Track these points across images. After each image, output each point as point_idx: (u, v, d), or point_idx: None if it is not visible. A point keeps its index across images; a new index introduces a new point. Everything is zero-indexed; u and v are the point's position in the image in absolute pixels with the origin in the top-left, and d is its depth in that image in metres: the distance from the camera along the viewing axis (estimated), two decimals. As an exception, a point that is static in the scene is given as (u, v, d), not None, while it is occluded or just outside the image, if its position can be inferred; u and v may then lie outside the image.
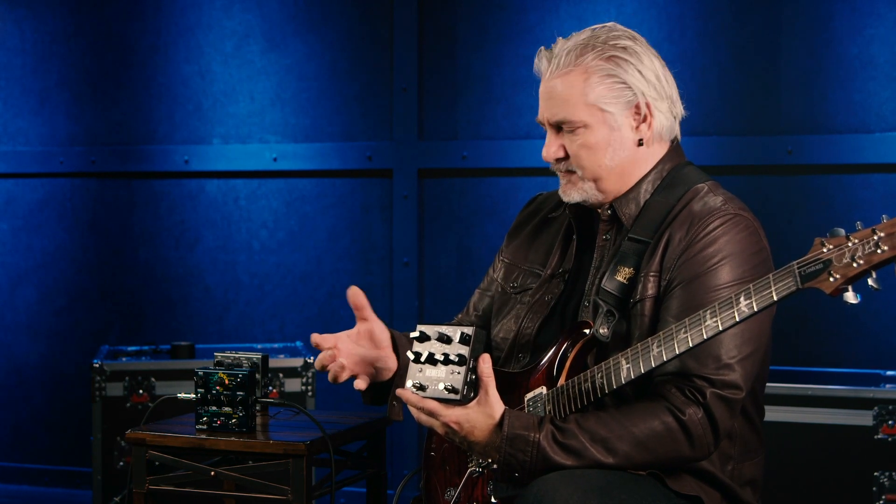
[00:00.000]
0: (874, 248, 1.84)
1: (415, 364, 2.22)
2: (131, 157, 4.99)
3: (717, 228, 2.21)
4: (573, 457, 2.12)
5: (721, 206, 2.24)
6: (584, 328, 2.26)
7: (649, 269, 2.23)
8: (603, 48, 2.29)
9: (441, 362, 2.18)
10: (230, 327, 4.92)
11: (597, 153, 2.29)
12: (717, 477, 2.24)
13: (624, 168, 2.31)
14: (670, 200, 2.28)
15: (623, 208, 2.32)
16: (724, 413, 2.14)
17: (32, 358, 5.13)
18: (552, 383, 2.25)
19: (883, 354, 4.08)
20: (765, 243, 2.25)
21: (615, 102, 2.28)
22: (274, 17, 4.84)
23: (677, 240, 2.22)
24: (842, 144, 4.14)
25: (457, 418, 2.16)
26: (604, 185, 2.32)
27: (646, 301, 2.22)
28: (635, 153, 2.31)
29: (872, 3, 4.13)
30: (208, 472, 2.67)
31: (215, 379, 2.70)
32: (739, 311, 1.99)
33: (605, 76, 2.27)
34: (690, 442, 2.13)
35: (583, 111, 2.28)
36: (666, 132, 2.34)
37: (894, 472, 3.43)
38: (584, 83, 2.28)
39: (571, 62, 2.30)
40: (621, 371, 2.13)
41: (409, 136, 4.66)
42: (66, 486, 5.05)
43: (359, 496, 4.37)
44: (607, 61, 2.28)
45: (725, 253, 2.19)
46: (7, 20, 5.11)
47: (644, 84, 2.28)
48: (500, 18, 4.57)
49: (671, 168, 2.34)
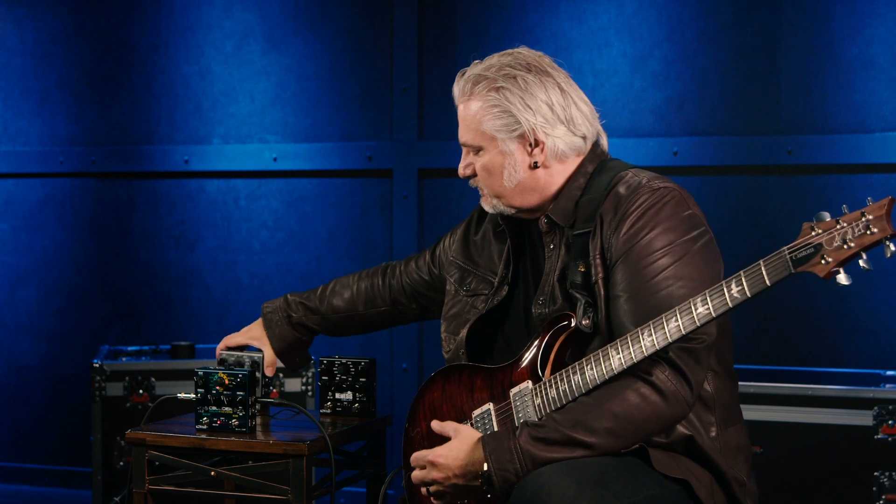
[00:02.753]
0: (864, 230, 1.89)
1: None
2: (131, 157, 4.99)
3: (644, 202, 2.29)
4: (557, 447, 2.16)
5: (646, 182, 2.33)
6: (566, 320, 2.30)
7: (595, 253, 2.31)
8: (494, 79, 2.40)
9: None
10: (230, 327, 4.91)
11: (493, 175, 2.43)
12: (703, 447, 2.27)
13: (524, 187, 2.42)
14: (599, 192, 2.37)
15: (558, 213, 2.41)
16: (690, 362, 2.20)
17: (32, 358, 5.13)
18: (537, 377, 2.28)
19: (883, 354, 4.08)
20: (695, 210, 2.32)
21: (502, 130, 2.40)
22: (274, 17, 4.84)
23: (608, 220, 2.31)
24: (842, 144, 4.14)
25: (440, 452, 2.27)
26: (509, 201, 2.44)
27: (599, 283, 2.30)
28: (533, 175, 2.41)
29: (872, 3, 4.13)
30: (208, 472, 2.67)
31: (215, 379, 2.70)
32: (731, 297, 2.04)
33: (491, 106, 2.40)
34: (666, 400, 2.18)
35: (478, 137, 2.42)
36: (570, 151, 2.42)
37: (894, 472, 3.43)
38: (476, 111, 2.42)
39: (468, 91, 2.45)
40: (611, 361, 2.18)
41: (409, 136, 4.66)
42: (66, 486, 5.05)
43: (359, 496, 4.37)
44: (495, 91, 2.40)
45: (655, 222, 2.27)
46: (7, 20, 5.11)
47: (529, 113, 2.38)
48: (500, 18, 4.57)
49: (594, 169, 2.42)
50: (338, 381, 2.90)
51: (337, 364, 2.90)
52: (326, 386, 2.92)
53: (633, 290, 2.23)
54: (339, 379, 2.90)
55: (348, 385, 2.89)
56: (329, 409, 2.91)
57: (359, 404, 2.89)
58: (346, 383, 2.89)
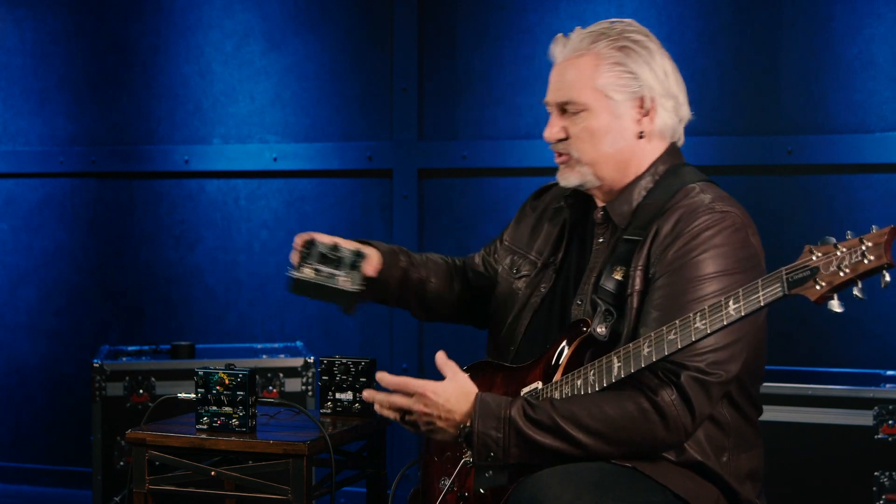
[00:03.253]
0: (860, 257, 1.86)
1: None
2: (131, 157, 4.99)
3: (703, 224, 2.23)
4: (544, 432, 2.15)
5: (709, 203, 2.27)
6: (583, 326, 2.29)
7: (637, 263, 2.26)
8: (617, 38, 2.33)
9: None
10: (230, 327, 4.92)
11: (596, 138, 2.33)
12: (712, 469, 2.25)
13: (621, 157, 2.34)
14: (662, 200, 2.31)
15: (615, 210, 2.35)
16: (700, 395, 2.15)
17: (33, 358, 5.13)
18: (548, 379, 2.28)
19: (883, 354, 4.08)
20: (753, 240, 2.27)
21: (621, 91, 2.32)
22: (274, 17, 4.84)
23: (663, 234, 2.25)
24: (842, 144, 4.14)
25: (434, 388, 2.23)
26: (600, 170, 2.35)
27: (634, 295, 2.25)
28: (634, 145, 2.35)
29: (872, 3, 4.13)
30: (208, 472, 2.67)
31: (215, 379, 2.70)
32: (728, 314, 2.01)
33: (615, 64, 2.32)
34: (665, 423, 2.15)
35: (588, 95, 2.32)
36: (668, 131, 2.37)
37: (894, 472, 3.43)
38: (593, 68, 2.32)
39: (584, 47, 2.33)
40: (613, 369, 2.16)
41: (409, 136, 4.66)
42: (66, 486, 5.05)
43: (359, 496, 4.37)
44: (619, 51, 2.32)
45: (709, 246, 2.21)
46: (7, 20, 5.11)
47: (652, 78, 2.33)
48: (500, 18, 4.57)
49: (665, 170, 2.36)
50: (338, 381, 2.90)
51: (337, 364, 2.91)
52: (327, 386, 2.92)
53: (666, 308, 2.18)
54: (340, 379, 2.90)
55: (349, 385, 2.89)
56: (329, 409, 2.91)
57: (359, 404, 2.89)
58: (346, 383, 2.90)
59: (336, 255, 2.50)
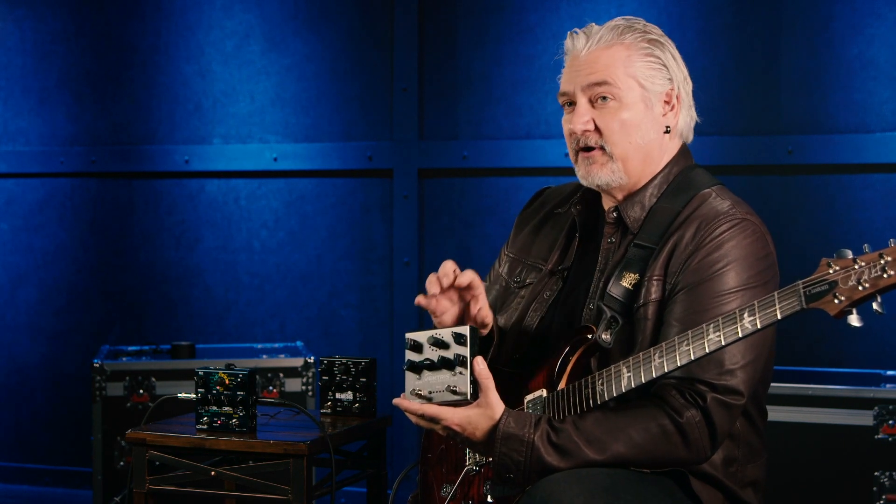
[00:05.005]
0: (881, 272, 1.84)
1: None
2: (131, 157, 4.99)
3: (724, 233, 2.20)
4: (567, 458, 2.12)
5: (728, 210, 2.24)
6: (587, 333, 2.26)
7: (653, 273, 2.23)
8: (644, 32, 2.32)
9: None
10: (230, 327, 4.92)
11: (629, 129, 2.29)
12: (719, 479, 2.24)
13: (647, 151, 2.31)
14: (676, 206, 2.28)
15: (628, 211, 2.32)
16: (724, 418, 2.14)
17: (33, 358, 5.13)
18: (552, 387, 2.25)
19: (883, 354, 4.08)
20: (771, 248, 2.25)
21: (652, 81, 2.30)
22: (274, 17, 4.84)
23: (684, 244, 2.22)
24: (842, 144, 4.14)
25: (459, 421, 2.18)
26: (629, 166, 2.31)
27: (649, 305, 2.22)
28: (661, 139, 2.33)
29: (872, 3, 4.13)
30: (208, 472, 2.67)
31: (215, 379, 2.70)
32: (743, 327, 1.99)
33: (646, 54, 2.30)
34: (687, 445, 2.13)
35: (623, 80, 2.28)
36: (686, 129, 2.38)
37: (894, 472, 3.43)
38: (626, 57, 2.29)
39: (615, 38, 2.30)
40: (622, 379, 2.13)
41: (410, 136, 4.66)
42: (67, 486, 5.05)
43: (359, 496, 4.37)
44: (649, 43, 2.31)
45: (731, 258, 2.19)
46: (7, 20, 5.11)
47: (679, 71, 2.33)
48: (500, 18, 4.57)
49: (678, 172, 2.34)
50: (338, 381, 2.90)
51: (337, 364, 2.90)
52: (327, 386, 2.92)
53: (689, 323, 2.13)
54: (340, 379, 2.90)
55: (349, 385, 2.89)
56: (329, 409, 2.91)
57: (359, 404, 2.89)
58: (346, 383, 2.89)
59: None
